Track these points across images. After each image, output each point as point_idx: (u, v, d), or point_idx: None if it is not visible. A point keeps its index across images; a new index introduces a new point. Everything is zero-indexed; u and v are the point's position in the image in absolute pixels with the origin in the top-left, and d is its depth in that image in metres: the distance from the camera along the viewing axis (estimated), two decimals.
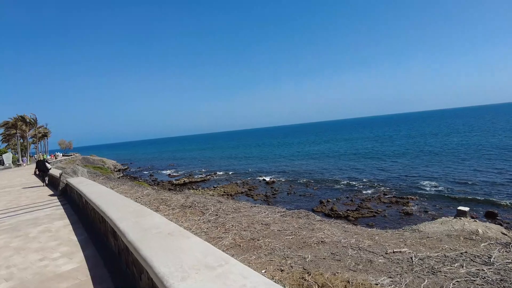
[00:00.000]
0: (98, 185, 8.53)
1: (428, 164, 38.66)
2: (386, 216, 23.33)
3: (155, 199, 9.03)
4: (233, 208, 7.56)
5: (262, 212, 7.23)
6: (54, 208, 9.28)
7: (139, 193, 10.22)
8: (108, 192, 7.32)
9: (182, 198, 8.84)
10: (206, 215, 6.82)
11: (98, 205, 5.74)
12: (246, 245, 4.85)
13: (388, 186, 30.71)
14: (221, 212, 7.11)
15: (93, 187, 8.32)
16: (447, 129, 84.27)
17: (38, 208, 9.64)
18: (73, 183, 9.64)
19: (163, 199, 8.84)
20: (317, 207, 27.05)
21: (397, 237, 5.76)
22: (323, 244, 4.80)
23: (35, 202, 10.78)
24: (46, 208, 9.50)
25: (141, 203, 8.47)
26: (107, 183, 13.42)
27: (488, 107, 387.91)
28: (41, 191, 13.71)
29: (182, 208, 7.63)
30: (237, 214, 6.93)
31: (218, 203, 8.20)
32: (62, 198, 11.04)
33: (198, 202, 8.16)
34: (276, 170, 47.22)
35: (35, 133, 46.81)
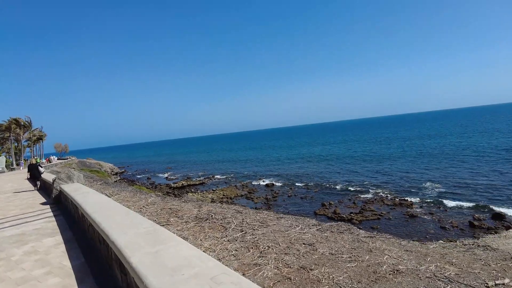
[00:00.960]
0: (96, 194, 7.12)
1: (427, 166, 37.80)
2: (391, 218, 22.35)
3: (162, 209, 7.65)
4: (258, 220, 6.23)
5: (295, 226, 5.91)
6: (45, 220, 7.84)
7: (142, 201, 8.82)
8: (108, 203, 5.93)
9: (195, 208, 7.48)
10: (229, 231, 5.48)
11: (98, 222, 4.37)
12: (298, 277, 3.54)
13: (390, 188, 29.75)
14: (246, 226, 5.78)
15: (91, 196, 6.91)
16: (445, 130, 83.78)
17: (26, 220, 8.19)
18: (67, 190, 8.22)
19: (172, 209, 7.47)
20: (320, 210, 25.99)
21: (473, 258, 4.51)
22: (400, 275, 3.52)
23: (24, 212, 9.31)
24: (35, 220, 8.06)
25: (147, 214, 7.10)
26: (105, 189, 11.97)
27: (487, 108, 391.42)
28: (33, 197, 12.21)
29: (198, 221, 6.28)
30: (267, 229, 5.60)
31: (238, 214, 6.86)
32: (55, 207, 9.58)
33: (215, 213, 6.81)
34: (274, 173, 45.98)
35: (30, 136, 44.84)
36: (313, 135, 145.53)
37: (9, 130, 39.90)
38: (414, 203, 25.20)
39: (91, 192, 7.56)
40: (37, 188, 14.57)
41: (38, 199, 11.57)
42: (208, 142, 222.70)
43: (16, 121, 40.30)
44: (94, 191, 7.63)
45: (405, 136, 78.44)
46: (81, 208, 5.76)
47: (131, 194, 10.17)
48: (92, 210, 5.30)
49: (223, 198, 33.43)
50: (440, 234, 18.49)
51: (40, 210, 9.36)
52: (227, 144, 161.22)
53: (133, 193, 10.36)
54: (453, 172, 32.74)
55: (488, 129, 70.68)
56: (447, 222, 19.78)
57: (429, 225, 20.17)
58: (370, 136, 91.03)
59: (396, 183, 31.83)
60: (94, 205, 5.73)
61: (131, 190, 12.15)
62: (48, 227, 7.14)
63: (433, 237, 18.37)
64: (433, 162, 39.14)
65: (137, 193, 10.43)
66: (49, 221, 7.74)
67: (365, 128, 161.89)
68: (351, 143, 76.31)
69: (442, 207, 22.97)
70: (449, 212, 21.72)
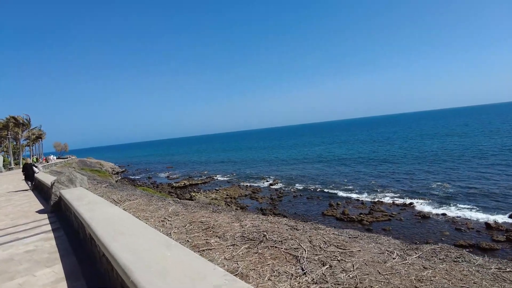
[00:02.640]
0: (107, 205, 5.25)
1: (433, 166, 36.27)
2: (402, 220, 20.93)
3: (191, 222, 5.79)
4: (331, 243, 4.44)
5: (387, 252, 4.12)
6: (41, 237, 5.94)
7: (162, 210, 6.95)
8: (126, 220, 4.07)
9: (234, 221, 5.65)
10: (303, 262, 3.69)
11: (125, 266, 2.51)
12: None
13: (397, 189, 28.33)
14: (323, 254, 3.96)
15: (100, 208, 5.04)
16: (446, 129, 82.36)
17: (17, 235, 6.28)
18: (69, 198, 6.32)
19: (204, 223, 5.62)
20: (327, 211, 24.51)
21: None
22: None
23: (15, 223, 7.38)
24: (29, 236, 6.15)
25: (174, 231, 5.23)
26: (112, 193, 10.05)
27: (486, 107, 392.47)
28: (28, 202, 10.24)
29: (248, 242, 4.46)
30: (356, 259, 3.81)
31: (296, 232, 5.04)
32: (54, 217, 7.66)
33: (265, 231, 4.98)
34: (277, 173, 44.19)
35: (29, 135, 42.41)
36: (313, 135, 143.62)
37: (7, 128, 37.52)
38: (424, 204, 23.87)
39: (99, 201, 5.67)
40: (31, 188, 14.21)
41: (34, 205, 9.61)
42: (206, 142, 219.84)
43: (14, 119, 37.91)
44: (103, 200, 5.74)
45: (406, 136, 76.91)
46: (91, 229, 3.89)
47: (145, 200, 8.27)
48: (107, 234, 3.44)
49: (227, 198, 31.85)
50: (457, 236, 17.20)
51: (36, 221, 7.43)
52: (226, 143, 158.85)
53: (147, 199, 8.46)
54: (459, 172, 31.34)
55: (490, 129, 69.44)
56: (462, 224, 18.61)
57: (443, 227, 18.82)
58: (371, 136, 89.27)
59: (403, 183, 30.36)
60: (108, 225, 3.86)
61: (142, 194, 10.23)
62: (44, 248, 5.23)
63: (449, 240, 16.95)
64: (438, 162, 37.67)
65: (152, 199, 8.54)
66: (46, 239, 5.83)
67: (363, 128, 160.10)
68: (353, 143, 74.59)
69: (453, 208, 21.70)
70: (461, 213, 20.48)
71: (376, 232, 19.99)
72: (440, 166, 35.39)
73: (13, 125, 38.02)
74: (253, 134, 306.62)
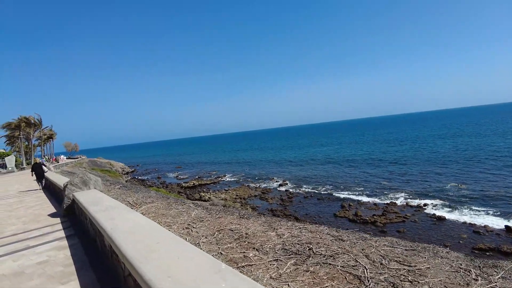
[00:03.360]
0: (126, 211, 4.61)
1: (446, 167, 35.05)
2: (417, 221, 20.09)
3: (219, 229, 5.11)
4: (390, 257, 3.72)
5: (462, 272, 3.38)
6: (54, 246, 5.32)
7: (184, 215, 6.29)
8: (156, 232, 3.41)
9: (269, 230, 4.96)
10: (370, 286, 2.94)
11: None
12: None
13: (410, 190, 27.45)
14: (388, 273, 3.24)
15: (119, 214, 4.41)
16: (456, 129, 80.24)
17: (28, 243, 5.69)
18: (84, 202, 5.69)
19: (235, 231, 4.94)
20: (340, 212, 23.78)
21: None
22: None
23: (27, 228, 6.79)
24: (41, 244, 5.54)
25: (202, 240, 4.55)
26: (127, 195, 9.44)
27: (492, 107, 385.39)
28: (40, 204, 9.70)
29: (293, 257, 3.78)
30: (431, 280, 3.11)
31: (342, 243, 4.32)
32: (67, 221, 7.06)
33: (308, 242, 4.27)
34: (285, 173, 43.33)
35: (40, 135, 42.28)
36: (318, 135, 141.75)
37: (19, 128, 37.40)
38: (438, 205, 22.95)
39: (118, 207, 5.02)
40: (42, 187, 14.07)
41: (46, 208, 9.06)
42: (211, 142, 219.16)
43: (26, 119, 37.80)
44: (122, 205, 5.10)
45: (415, 136, 74.96)
46: (114, 243, 3.24)
47: (163, 203, 7.62)
48: (135, 252, 2.78)
49: (237, 199, 31.37)
50: (475, 239, 16.36)
51: (48, 225, 6.84)
52: (231, 144, 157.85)
53: (165, 202, 7.81)
54: (473, 173, 30.23)
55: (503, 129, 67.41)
56: (480, 226, 17.64)
57: (461, 229, 17.97)
58: (378, 136, 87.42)
59: (416, 184, 29.39)
60: (135, 239, 3.20)
61: (158, 196, 9.59)
62: (58, 260, 4.61)
63: (468, 243, 16.17)
64: (450, 163, 36.46)
65: (170, 202, 7.88)
66: (59, 247, 5.21)
67: (369, 128, 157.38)
68: (361, 143, 73.05)
69: (469, 210, 20.85)
70: (478, 215, 19.62)
71: (390, 234, 19.22)
72: (453, 167, 34.24)
73: (25, 125, 37.91)
74: (257, 135, 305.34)
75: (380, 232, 19.21)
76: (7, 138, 45.10)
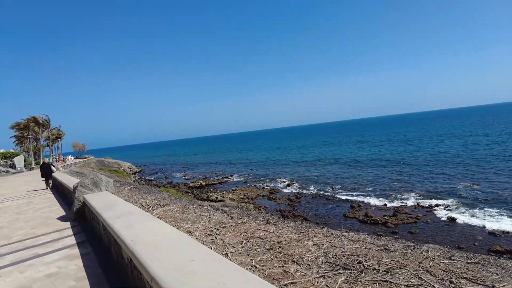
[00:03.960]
0: (146, 217, 4.06)
1: (456, 167, 34.00)
2: (429, 222, 19.26)
3: (247, 238, 4.52)
4: (453, 272, 3.09)
5: None
6: (64, 254, 4.78)
7: (204, 220, 5.71)
8: (186, 245, 2.83)
9: (304, 238, 4.34)
10: None
11: None
12: None
13: (421, 190, 26.61)
14: None
15: (138, 221, 3.86)
16: (466, 129, 78.18)
17: (37, 250, 5.16)
18: (96, 206, 5.15)
19: (265, 240, 4.33)
20: (349, 213, 23.02)
21: None
22: None
23: (34, 233, 6.28)
24: (50, 251, 5.01)
25: (231, 251, 3.97)
26: (139, 196, 8.90)
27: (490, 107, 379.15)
28: (49, 206, 9.21)
29: (343, 273, 3.18)
30: None
31: (391, 254, 3.69)
32: (78, 225, 6.54)
33: (357, 255, 3.65)
34: (293, 173, 42.53)
35: (49, 135, 42.11)
36: (325, 135, 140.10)
37: (28, 128, 37.22)
38: (451, 206, 22.12)
39: (135, 212, 4.46)
40: (50, 187, 14.10)
41: (55, 210, 8.56)
42: (216, 142, 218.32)
43: (34, 119, 37.62)
44: (139, 210, 4.53)
45: (423, 135, 73.27)
46: (136, 259, 2.67)
47: (180, 206, 7.05)
48: (166, 273, 2.21)
49: (244, 199, 30.86)
50: (491, 240, 15.57)
51: (57, 230, 6.32)
52: (237, 144, 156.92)
53: (182, 205, 7.24)
54: (486, 174, 29.27)
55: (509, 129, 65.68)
56: (495, 228, 16.98)
57: (476, 231, 17.22)
58: (386, 136, 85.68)
59: (427, 184, 28.49)
60: (162, 255, 2.62)
61: (171, 197, 9.04)
62: (69, 272, 4.06)
63: (484, 245, 15.40)
64: (461, 163, 35.39)
65: (187, 205, 7.31)
66: (70, 257, 4.67)
67: (375, 128, 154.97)
68: (368, 143, 71.74)
69: (482, 211, 20.01)
70: (492, 216, 18.77)
71: (402, 235, 18.54)
72: (463, 166, 33.23)
73: (34, 125, 37.73)
74: (263, 134, 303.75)
75: (392, 233, 18.59)
76: (16, 138, 45.05)
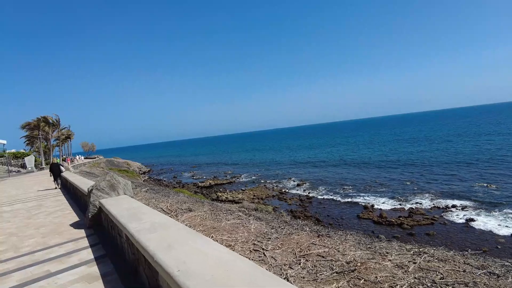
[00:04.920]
0: (189, 235, 3.15)
1: (470, 166, 32.61)
2: (446, 224, 18.38)
3: (303, 255, 3.60)
4: None
5: None
6: (80, 274, 3.91)
7: (242, 230, 4.80)
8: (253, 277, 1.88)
9: (376, 256, 3.40)
10: None
11: None
12: None
13: (435, 190, 25.56)
14: None
15: (178, 239, 3.00)
16: (476, 128, 75.74)
17: (49, 266, 4.29)
18: (119, 217, 4.26)
19: (329, 260, 3.40)
20: (363, 213, 22.11)
21: None
22: None
23: (46, 243, 5.44)
24: (64, 268, 4.13)
25: (291, 275, 3.08)
26: (158, 200, 8.05)
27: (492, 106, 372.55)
28: (61, 211, 8.41)
29: None
30: None
31: (497, 279, 2.73)
32: (94, 234, 5.68)
33: (463, 283, 2.69)
34: (302, 173, 41.51)
35: (59, 135, 41.68)
36: (330, 135, 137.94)
37: (38, 128, 36.76)
38: (469, 207, 21.05)
39: (169, 224, 3.57)
40: (59, 187, 14.29)
41: (67, 215, 7.73)
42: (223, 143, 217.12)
43: (45, 118, 37.15)
44: (175, 223, 3.65)
45: (433, 135, 70.87)
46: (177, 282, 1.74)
47: (208, 212, 6.13)
48: None
49: (254, 199, 30.06)
50: None
51: (71, 240, 5.46)
52: (244, 144, 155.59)
53: (208, 209, 6.33)
54: (501, 173, 28.07)
55: None
56: None
57: (497, 233, 16.36)
58: (395, 136, 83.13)
59: (441, 185, 27.36)
60: None
61: (191, 200, 8.15)
62: None
63: (507, 247, 14.47)
64: (476, 163, 33.96)
65: (215, 210, 6.39)
66: (88, 277, 3.78)
67: (383, 127, 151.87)
68: (378, 143, 69.76)
69: (502, 211, 19.05)
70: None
71: (419, 237, 17.47)
72: (479, 167, 31.84)
73: (44, 125, 37.26)
74: (268, 134, 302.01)
75: (408, 235, 17.60)
76: (27, 139, 44.71)
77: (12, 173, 31.76)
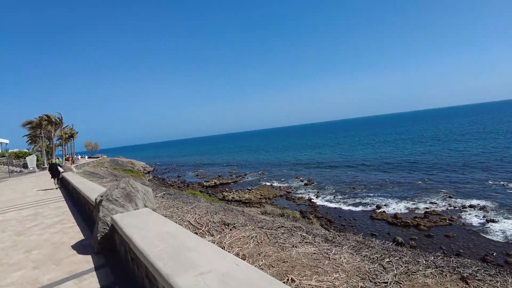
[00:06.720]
0: (266, 284, 1.32)
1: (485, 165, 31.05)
2: (465, 224, 17.09)
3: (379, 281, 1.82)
4: None
5: None
6: None
7: (330, 265, 2.99)
8: None
9: None
10: None
11: None
12: None
13: (450, 190, 24.32)
14: None
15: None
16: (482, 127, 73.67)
17: None
18: (146, 250, 2.50)
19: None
20: (376, 214, 20.68)
21: None
22: None
23: (35, 280, 3.64)
24: None
25: None
26: (181, 209, 6.29)
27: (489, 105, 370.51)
28: (59, 222, 6.65)
29: None
30: None
31: None
32: (105, 265, 3.91)
33: None
34: (308, 173, 39.95)
35: (61, 134, 39.83)
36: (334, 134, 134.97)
37: (40, 127, 34.90)
38: (486, 206, 19.70)
39: (246, 270, 1.79)
40: (58, 187, 14.07)
41: (68, 229, 5.96)
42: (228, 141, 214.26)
43: (47, 117, 35.29)
44: (243, 262, 1.84)
45: (437, 134, 68.38)
46: None
47: (256, 229, 4.39)
48: None
49: (261, 199, 28.56)
50: None
51: (73, 275, 3.70)
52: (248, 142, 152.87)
53: (257, 227, 4.58)
54: None
55: None
56: None
57: None
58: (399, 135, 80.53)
59: (456, 184, 26.02)
60: None
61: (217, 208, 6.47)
62: None
63: None
64: (490, 161, 32.44)
65: (264, 227, 4.66)
66: None
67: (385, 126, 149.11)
68: (383, 142, 67.29)
69: None
70: None
71: (437, 238, 15.90)
72: (494, 165, 30.32)
73: (46, 123, 35.38)
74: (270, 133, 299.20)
75: (426, 237, 16.10)
76: (29, 138, 42.79)
77: (13, 174, 29.91)
